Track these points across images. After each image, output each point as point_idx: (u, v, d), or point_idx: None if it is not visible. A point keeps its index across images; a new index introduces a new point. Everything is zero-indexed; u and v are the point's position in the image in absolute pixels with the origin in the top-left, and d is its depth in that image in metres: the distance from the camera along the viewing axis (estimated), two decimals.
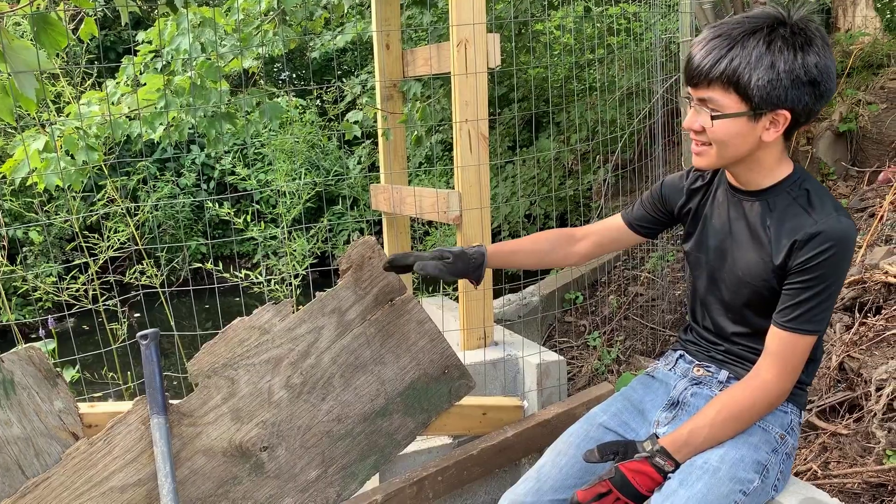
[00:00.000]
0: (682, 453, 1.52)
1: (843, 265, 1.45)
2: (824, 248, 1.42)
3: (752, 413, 1.52)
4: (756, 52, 1.37)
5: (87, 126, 2.78)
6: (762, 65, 1.37)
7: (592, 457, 1.54)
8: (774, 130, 1.44)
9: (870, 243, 3.22)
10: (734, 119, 1.42)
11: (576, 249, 1.89)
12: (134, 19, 8.86)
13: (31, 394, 1.78)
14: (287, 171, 6.63)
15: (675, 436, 1.53)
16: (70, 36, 2.05)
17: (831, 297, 1.47)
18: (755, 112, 1.41)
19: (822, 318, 1.47)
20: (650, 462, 1.51)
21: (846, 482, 2.15)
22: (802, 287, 1.46)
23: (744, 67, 1.37)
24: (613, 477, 1.49)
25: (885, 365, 2.41)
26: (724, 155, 1.49)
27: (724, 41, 1.40)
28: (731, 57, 1.38)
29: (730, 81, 1.39)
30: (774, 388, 1.51)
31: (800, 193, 1.50)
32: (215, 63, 2.89)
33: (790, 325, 1.48)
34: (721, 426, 1.51)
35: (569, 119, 5.40)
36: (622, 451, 1.54)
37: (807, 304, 1.46)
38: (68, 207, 4.91)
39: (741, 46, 1.38)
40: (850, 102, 4.27)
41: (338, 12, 3.38)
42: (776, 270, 1.50)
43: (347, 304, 2.01)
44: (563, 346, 3.59)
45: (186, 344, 4.47)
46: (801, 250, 1.45)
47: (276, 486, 1.98)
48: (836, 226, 1.42)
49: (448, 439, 2.44)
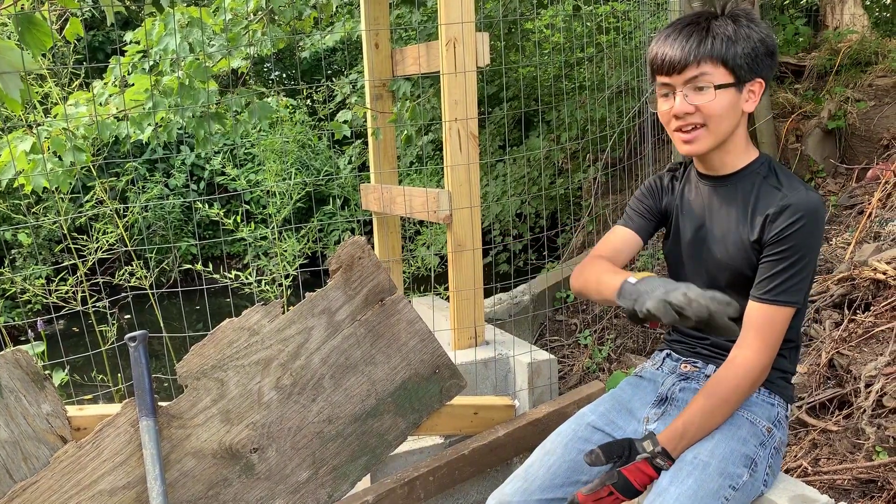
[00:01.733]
0: (679, 448, 1.53)
1: (814, 236, 1.51)
2: (794, 219, 1.49)
3: (739, 392, 1.54)
4: (730, 28, 1.51)
5: (74, 127, 2.76)
6: (740, 37, 1.50)
7: (598, 460, 1.52)
8: (753, 100, 1.55)
9: (858, 240, 3.24)
10: (727, 90, 1.51)
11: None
12: (122, 19, 8.82)
13: (19, 397, 1.77)
14: (277, 171, 6.61)
15: (670, 432, 1.54)
16: (56, 36, 2.03)
17: (806, 269, 1.52)
18: (739, 82, 1.52)
19: (797, 290, 1.52)
20: (651, 463, 1.52)
21: (836, 478, 2.16)
22: (777, 259, 1.51)
23: (728, 41, 1.50)
24: (616, 482, 1.50)
25: (874, 361, 2.42)
26: (717, 131, 1.55)
27: (698, 27, 1.52)
28: (713, 35, 1.50)
29: (718, 56, 1.49)
30: (756, 364, 1.52)
31: (768, 173, 1.59)
32: (204, 63, 2.87)
33: (767, 297, 1.52)
34: (711, 412, 1.53)
35: (559, 118, 5.40)
36: (626, 454, 1.54)
37: (782, 276, 1.51)
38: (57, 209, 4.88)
39: (716, 27, 1.51)
40: (838, 100, 4.29)
41: (327, 12, 3.37)
42: (753, 246, 1.56)
43: (337, 305, 2.00)
44: (555, 344, 3.59)
45: (177, 345, 4.44)
46: (773, 223, 1.51)
47: (266, 487, 1.97)
48: (805, 198, 1.50)
49: (439, 439, 2.43)
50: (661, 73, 1.54)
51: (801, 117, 4.39)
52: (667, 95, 1.56)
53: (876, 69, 4.46)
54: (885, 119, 4.14)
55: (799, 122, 4.37)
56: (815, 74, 4.69)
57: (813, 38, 5.21)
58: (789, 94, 4.57)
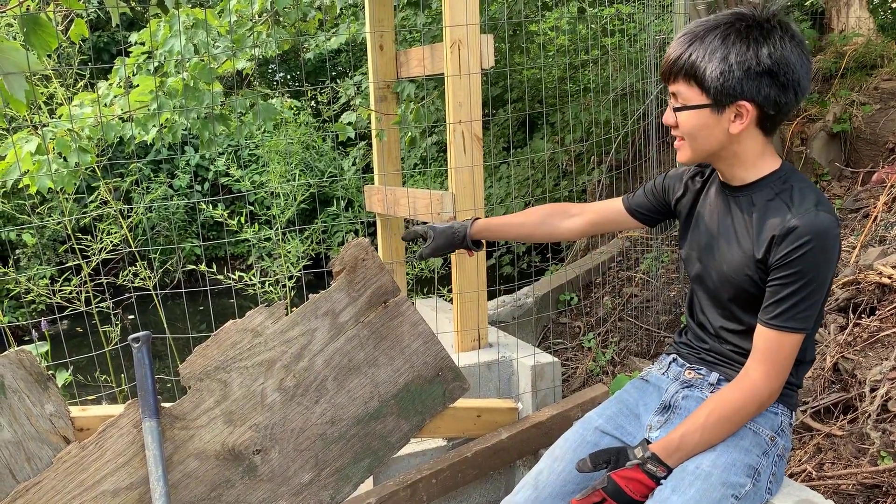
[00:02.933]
0: (675, 458, 1.52)
1: (822, 261, 1.44)
2: (801, 242, 1.42)
3: (743, 414, 1.52)
4: (712, 45, 1.43)
5: (79, 128, 2.77)
6: (716, 57, 1.42)
7: (585, 466, 1.54)
8: (740, 123, 1.46)
9: (864, 244, 3.22)
10: (698, 111, 1.47)
11: (568, 224, 1.90)
12: (127, 20, 8.84)
13: (22, 397, 1.77)
14: (281, 172, 6.62)
15: (666, 441, 1.53)
16: (61, 37, 2.04)
17: (815, 295, 1.46)
18: (716, 104, 1.45)
19: (806, 317, 1.46)
20: (642, 469, 1.51)
21: (841, 483, 2.15)
22: (782, 283, 1.46)
23: (700, 60, 1.43)
24: (606, 486, 1.49)
25: (879, 366, 2.41)
26: (696, 148, 1.52)
27: (688, 37, 1.47)
28: (691, 52, 1.45)
29: (689, 74, 1.46)
30: (763, 388, 1.50)
31: (783, 189, 1.51)
32: (208, 64, 2.88)
33: (774, 322, 1.48)
34: (712, 429, 1.51)
35: (563, 120, 5.40)
36: (614, 459, 1.54)
37: (788, 301, 1.45)
38: (61, 209, 4.89)
39: (700, 41, 1.45)
40: (843, 103, 4.28)
41: (331, 13, 3.38)
42: (758, 265, 1.51)
43: (341, 306, 2.00)
44: (558, 347, 3.58)
45: (180, 346, 4.44)
46: (779, 245, 1.45)
47: (269, 489, 1.97)
48: (814, 221, 1.42)
49: (442, 441, 2.43)
50: (660, 75, 1.54)
51: (806, 120, 4.38)
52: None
53: (881, 72, 4.45)
54: (890, 122, 4.12)
55: (804, 125, 4.36)
56: (821, 77, 4.68)
57: (818, 41, 5.20)
58: None
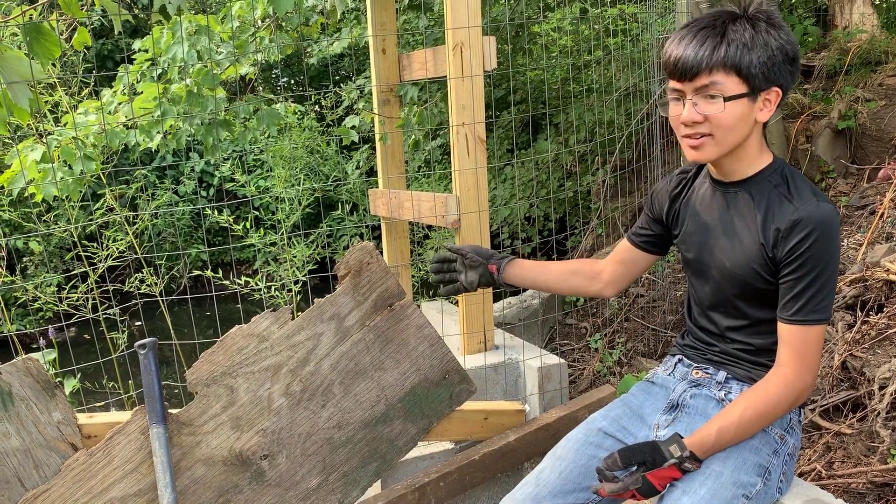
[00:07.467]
0: (709, 454, 1.52)
1: (829, 249, 1.46)
2: (806, 233, 1.45)
3: (778, 409, 1.51)
4: (747, 34, 1.44)
5: (84, 136, 2.77)
6: (757, 45, 1.44)
7: (615, 465, 1.50)
8: (768, 110, 1.49)
9: (871, 241, 3.21)
10: (739, 101, 1.46)
11: (597, 287, 1.90)
12: (130, 28, 8.87)
13: (30, 405, 1.78)
14: (286, 177, 6.62)
15: (702, 437, 1.51)
16: (64, 45, 2.04)
17: (829, 284, 1.48)
18: (753, 91, 1.46)
19: (825, 306, 1.48)
20: (679, 468, 1.50)
21: (851, 482, 2.14)
22: (796, 277, 1.47)
23: (742, 49, 1.44)
24: (641, 487, 1.48)
25: (888, 363, 2.40)
26: (725, 142, 1.50)
27: (713, 31, 1.46)
28: (728, 41, 1.44)
29: (732, 64, 1.44)
30: (797, 382, 1.50)
31: (780, 181, 1.53)
32: (212, 70, 2.88)
33: (796, 318, 1.48)
34: (748, 425, 1.51)
35: (567, 120, 5.39)
36: (650, 460, 1.50)
37: (806, 295, 1.47)
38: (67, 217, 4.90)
39: (732, 32, 1.45)
40: (848, 100, 4.26)
41: (333, 18, 3.38)
42: (762, 258, 1.52)
43: (346, 310, 2.00)
44: (565, 348, 3.57)
45: (187, 352, 4.45)
46: (785, 239, 1.47)
47: (277, 494, 1.97)
48: (816, 211, 1.45)
49: (450, 444, 2.43)
50: (673, 77, 1.50)
51: (810, 118, 4.36)
52: (678, 100, 1.52)
53: (886, 68, 4.43)
54: (895, 118, 4.10)
55: (809, 122, 4.34)
56: (825, 74, 4.66)
57: (822, 37, 5.18)
58: (799, 95, 4.54)
